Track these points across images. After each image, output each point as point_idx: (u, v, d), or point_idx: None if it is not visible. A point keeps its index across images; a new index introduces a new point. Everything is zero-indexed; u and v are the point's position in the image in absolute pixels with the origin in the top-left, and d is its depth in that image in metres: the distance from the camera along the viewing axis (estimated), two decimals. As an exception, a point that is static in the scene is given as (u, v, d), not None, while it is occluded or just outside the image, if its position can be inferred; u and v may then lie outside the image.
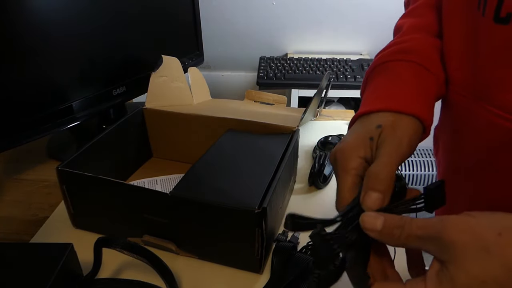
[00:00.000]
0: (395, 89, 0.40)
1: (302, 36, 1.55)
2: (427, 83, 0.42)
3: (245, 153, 0.56)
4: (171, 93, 0.67)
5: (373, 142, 0.36)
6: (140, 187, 0.51)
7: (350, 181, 0.35)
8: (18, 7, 0.55)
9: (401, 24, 0.49)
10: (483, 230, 0.26)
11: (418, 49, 0.43)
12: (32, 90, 0.60)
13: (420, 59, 0.42)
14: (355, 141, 0.36)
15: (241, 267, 0.47)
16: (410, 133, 0.36)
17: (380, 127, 0.36)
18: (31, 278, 0.37)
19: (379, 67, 0.44)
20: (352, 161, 0.35)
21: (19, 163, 0.71)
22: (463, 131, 0.44)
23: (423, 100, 0.39)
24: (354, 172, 0.35)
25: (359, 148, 0.36)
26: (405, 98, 0.38)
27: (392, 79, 0.42)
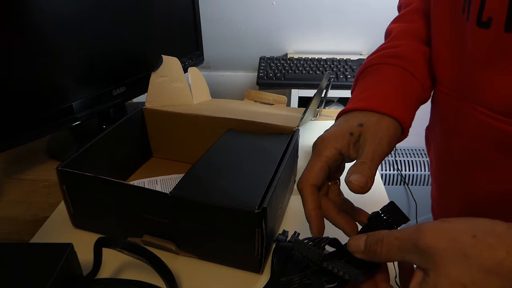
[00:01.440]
0: (380, 91, 0.43)
1: (302, 36, 1.54)
2: (411, 88, 0.44)
3: (245, 153, 0.56)
4: (171, 93, 0.67)
5: (352, 138, 0.39)
6: (140, 187, 0.51)
7: (319, 165, 0.38)
8: (18, 7, 0.55)
9: (391, 28, 0.52)
10: (458, 234, 0.26)
11: (406, 55, 0.46)
12: (32, 90, 0.60)
13: (408, 65, 0.45)
14: (335, 133, 0.40)
15: (241, 267, 0.47)
16: (390, 134, 0.39)
17: (362, 125, 0.39)
18: (31, 278, 0.37)
19: (369, 68, 0.47)
20: (327, 149, 0.38)
21: (19, 163, 0.71)
22: (452, 130, 0.46)
23: (405, 103, 0.42)
24: (325, 159, 0.38)
25: (338, 139, 0.39)
26: (388, 100, 0.41)
27: (379, 81, 0.44)
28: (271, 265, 0.47)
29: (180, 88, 0.69)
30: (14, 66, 0.57)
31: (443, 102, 0.46)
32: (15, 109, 0.58)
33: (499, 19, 0.33)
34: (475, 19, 0.35)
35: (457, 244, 0.25)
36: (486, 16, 0.34)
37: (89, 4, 0.65)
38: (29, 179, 0.67)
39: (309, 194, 0.38)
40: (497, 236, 0.25)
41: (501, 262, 0.24)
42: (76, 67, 0.66)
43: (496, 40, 0.34)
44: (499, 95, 0.36)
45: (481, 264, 0.24)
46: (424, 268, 0.27)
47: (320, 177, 0.38)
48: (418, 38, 0.48)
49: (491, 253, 0.24)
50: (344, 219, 0.39)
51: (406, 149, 1.61)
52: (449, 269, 0.25)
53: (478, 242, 0.25)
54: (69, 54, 0.64)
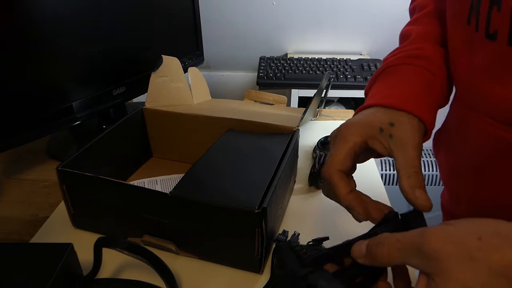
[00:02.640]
0: (405, 90, 0.41)
1: (302, 36, 1.54)
2: (434, 90, 0.43)
3: (245, 153, 0.56)
4: (171, 93, 0.67)
5: (382, 134, 0.37)
6: (140, 187, 0.51)
7: (345, 151, 0.36)
8: (18, 7, 0.55)
9: (408, 31, 0.51)
10: (463, 237, 0.26)
11: (430, 57, 0.45)
12: (32, 90, 0.60)
13: (431, 66, 0.44)
14: (362, 122, 0.38)
15: (241, 267, 0.47)
16: (421, 137, 0.38)
17: (393, 125, 0.37)
18: (31, 278, 0.37)
19: (389, 68, 0.45)
20: (354, 136, 0.37)
21: (19, 163, 0.71)
22: (460, 136, 0.46)
23: (430, 105, 0.41)
24: (352, 145, 0.36)
25: (365, 128, 0.37)
26: (415, 100, 0.40)
27: (403, 80, 0.43)
28: (271, 265, 0.47)
29: (180, 88, 0.69)
30: (14, 66, 0.57)
31: (455, 111, 0.47)
32: (15, 109, 0.58)
33: (503, 32, 0.33)
34: (483, 30, 0.35)
35: (463, 247, 0.25)
36: (492, 28, 0.34)
37: (89, 4, 0.65)
38: (29, 179, 0.67)
39: (339, 180, 0.36)
40: (503, 237, 0.25)
41: (509, 264, 0.24)
42: (76, 67, 0.66)
43: (501, 52, 0.34)
44: (501, 105, 0.36)
45: (489, 267, 0.24)
46: (428, 272, 0.26)
47: (347, 163, 0.36)
48: (436, 41, 0.47)
49: (498, 255, 0.24)
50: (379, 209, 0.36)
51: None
52: (456, 273, 0.25)
53: (484, 244, 0.25)
54: (69, 54, 0.64)
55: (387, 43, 1.64)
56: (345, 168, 0.37)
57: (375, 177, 0.66)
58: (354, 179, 0.39)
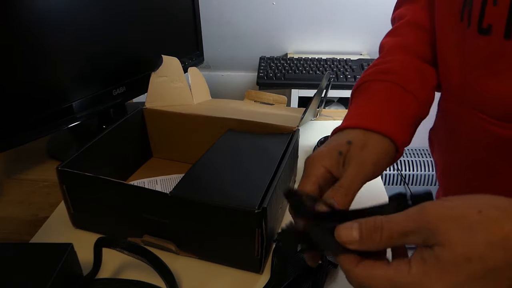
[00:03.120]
0: (370, 108, 0.42)
1: (302, 36, 1.54)
2: (405, 102, 0.43)
3: (245, 153, 0.56)
4: (171, 93, 0.67)
5: (341, 157, 0.37)
6: (140, 187, 0.51)
7: (308, 186, 0.37)
8: (18, 7, 0.55)
9: (384, 43, 0.52)
10: (463, 210, 0.26)
11: (397, 70, 0.45)
12: (32, 90, 0.60)
13: (399, 79, 0.44)
14: (324, 152, 0.38)
15: (241, 267, 0.47)
16: (378, 152, 0.38)
17: (350, 143, 0.38)
18: (31, 278, 0.37)
19: (360, 86, 0.46)
20: (316, 168, 0.37)
21: (19, 163, 0.71)
22: (454, 134, 0.46)
23: (397, 119, 0.41)
24: (314, 178, 0.37)
25: (326, 158, 0.37)
26: (377, 117, 0.40)
27: (369, 98, 0.44)
28: (271, 265, 0.47)
29: (180, 88, 0.69)
30: (14, 66, 0.57)
31: (445, 106, 0.46)
32: (15, 109, 0.58)
33: (499, 26, 0.34)
34: (476, 26, 0.36)
35: (463, 221, 0.25)
36: (486, 23, 0.35)
37: (89, 4, 0.65)
38: (29, 179, 0.67)
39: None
40: (503, 210, 0.25)
41: (508, 236, 0.24)
42: (76, 67, 0.66)
43: (496, 46, 0.34)
44: (496, 100, 0.36)
45: (488, 239, 0.24)
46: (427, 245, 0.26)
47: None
48: (410, 52, 0.48)
49: (497, 227, 0.24)
50: None
51: (406, 149, 1.61)
52: (455, 243, 0.25)
53: (484, 217, 0.25)
54: (69, 54, 0.64)
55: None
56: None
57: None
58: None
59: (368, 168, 0.36)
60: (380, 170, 0.38)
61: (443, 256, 0.25)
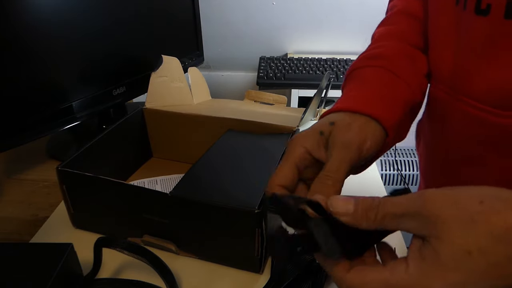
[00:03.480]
0: (357, 93, 0.40)
1: (302, 36, 1.54)
2: (395, 87, 0.42)
3: (245, 153, 0.56)
4: (171, 93, 0.67)
5: (323, 137, 0.36)
6: (140, 187, 0.51)
7: (286, 166, 0.35)
8: (18, 7, 0.55)
9: (374, 33, 0.51)
10: (465, 200, 0.25)
11: (388, 55, 0.44)
12: (32, 90, 0.60)
13: (389, 64, 0.43)
14: (305, 133, 0.37)
15: (241, 267, 0.47)
16: (363, 134, 0.35)
17: (333, 124, 0.36)
18: (31, 278, 0.37)
19: (350, 74, 0.45)
20: (296, 150, 0.36)
21: (19, 163, 0.71)
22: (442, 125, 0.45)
23: (385, 102, 0.39)
24: (293, 159, 0.35)
25: (306, 139, 0.36)
26: (364, 99, 0.38)
27: (357, 84, 0.42)
28: (271, 265, 0.47)
29: (180, 88, 0.69)
30: (14, 66, 0.57)
31: (434, 96, 0.45)
32: (15, 109, 0.58)
33: (499, 5, 0.33)
34: (473, 7, 0.35)
35: (465, 211, 0.24)
36: (485, 3, 0.34)
37: (89, 4, 0.65)
38: (29, 179, 0.67)
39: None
40: (504, 201, 0.24)
41: (510, 228, 0.23)
42: (76, 67, 0.66)
43: (495, 27, 0.34)
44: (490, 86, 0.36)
45: (489, 231, 0.23)
46: (424, 235, 0.25)
47: (288, 178, 0.35)
48: (401, 39, 0.47)
49: (499, 218, 0.23)
50: None
51: (406, 149, 1.61)
52: (454, 235, 0.24)
53: (486, 208, 0.24)
54: (69, 54, 0.64)
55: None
56: (286, 183, 0.35)
57: (375, 177, 0.66)
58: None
59: (353, 152, 0.34)
60: (367, 153, 0.35)
61: (442, 250, 0.24)
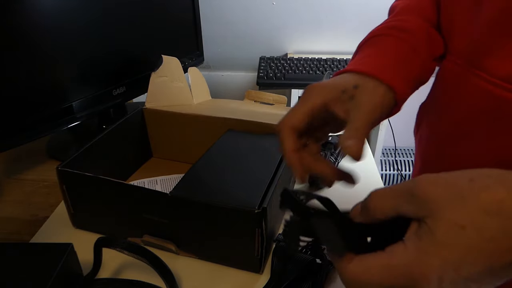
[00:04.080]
0: (380, 59, 0.41)
1: (302, 36, 1.55)
2: (412, 63, 0.42)
3: (245, 153, 0.56)
4: (171, 93, 0.67)
5: (344, 96, 0.36)
6: (140, 187, 0.51)
7: (302, 109, 0.36)
8: (18, 7, 0.55)
9: (395, 5, 0.50)
10: (454, 179, 0.25)
11: (412, 30, 0.44)
12: (32, 90, 0.60)
13: (412, 40, 0.43)
14: (326, 84, 0.37)
15: (241, 267, 0.47)
16: (384, 104, 0.37)
17: (357, 87, 0.37)
18: (31, 278, 0.37)
19: (372, 39, 0.45)
20: (314, 98, 0.37)
21: (19, 163, 0.71)
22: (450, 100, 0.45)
23: (405, 76, 0.40)
24: (310, 105, 0.36)
25: (328, 91, 0.37)
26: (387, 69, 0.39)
27: (380, 50, 0.43)
28: (271, 265, 0.47)
29: (180, 88, 0.69)
30: (14, 66, 0.57)
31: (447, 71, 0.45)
32: (15, 109, 0.58)
33: None
34: None
35: (454, 188, 0.25)
36: None
37: (89, 5, 0.65)
38: (29, 179, 0.67)
39: (288, 135, 0.36)
40: (495, 177, 0.25)
41: (501, 201, 0.23)
42: (76, 67, 0.66)
43: None
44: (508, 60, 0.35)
45: (480, 205, 0.24)
46: (419, 217, 0.26)
47: (302, 122, 0.36)
48: (422, 15, 0.46)
49: (489, 193, 0.24)
50: (324, 163, 0.37)
51: (406, 149, 1.61)
52: (446, 212, 0.24)
53: (476, 184, 0.24)
54: (69, 54, 0.64)
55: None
56: (298, 126, 0.36)
57: (375, 177, 0.66)
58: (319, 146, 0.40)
59: (377, 115, 0.36)
60: (382, 120, 0.38)
61: (436, 227, 0.24)
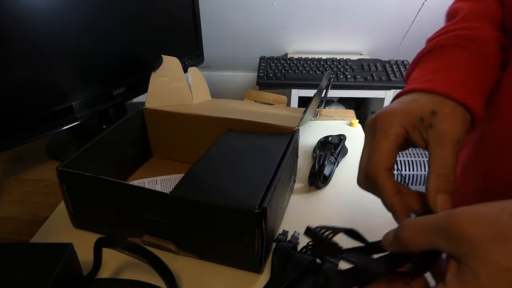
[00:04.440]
0: (452, 74, 0.36)
1: (302, 36, 1.55)
2: (486, 76, 0.38)
3: (245, 153, 0.56)
4: (171, 93, 0.67)
5: (422, 124, 0.33)
6: (140, 187, 0.51)
7: (389, 145, 0.33)
8: (18, 7, 0.55)
9: (458, 8, 0.45)
10: (495, 214, 0.23)
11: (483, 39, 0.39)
12: (32, 90, 0.60)
13: (484, 50, 0.39)
14: (402, 110, 0.34)
15: (241, 267, 0.47)
16: (465, 128, 0.33)
17: (435, 114, 0.33)
18: (31, 278, 0.37)
19: (435, 50, 0.40)
20: (395, 127, 0.33)
21: (19, 163, 0.71)
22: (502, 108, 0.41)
23: (480, 94, 0.36)
24: (394, 138, 0.33)
25: (406, 119, 0.33)
26: (463, 86, 0.35)
27: (450, 64, 0.38)
28: (271, 265, 0.47)
29: (180, 88, 0.69)
30: (14, 66, 0.57)
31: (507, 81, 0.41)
32: (15, 109, 0.58)
33: None
34: None
35: (496, 225, 0.23)
36: None
37: (89, 4, 0.65)
38: (29, 179, 0.67)
39: (386, 179, 0.33)
40: None
41: None
42: (76, 67, 0.66)
43: None
44: None
45: None
46: (459, 255, 0.24)
47: (393, 159, 0.33)
48: (490, 21, 0.42)
49: None
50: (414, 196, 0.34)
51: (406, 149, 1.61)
52: (490, 253, 0.22)
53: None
54: (69, 54, 0.64)
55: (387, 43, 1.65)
56: (391, 165, 0.33)
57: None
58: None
59: (461, 145, 0.32)
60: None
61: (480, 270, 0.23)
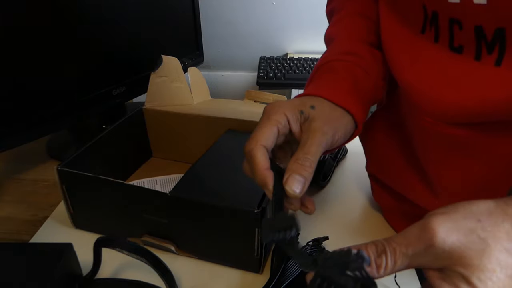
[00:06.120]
0: (334, 83, 0.43)
1: (302, 36, 1.54)
2: (364, 84, 0.44)
3: (245, 153, 0.56)
4: (171, 93, 0.67)
5: (302, 116, 0.38)
6: (140, 187, 0.51)
7: (268, 127, 0.37)
8: (18, 7, 0.55)
9: (332, 33, 0.51)
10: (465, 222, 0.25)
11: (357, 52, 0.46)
12: (31, 90, 0.60)
13: (362, 62, 0.45)
14: (288, 104, 0.39)
15: (241, 267, 0.47)
16: (341, 125, 0.39)
17: (314, 108, 0.38)
18: (31, 278, 0.37)
19: (325, 65, 0.46)
20: (278, 114, 0.37)
21: (19, 163, 0.71)
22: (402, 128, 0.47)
23: (359, 99, 0.42)
24: (275, 122, 0.37)
25: (288, 109, 0.38)
26: (342, 93, 0.41)
27: (334, 76, 0.44)
28: (270, 265, 0.47)
29: (180, 88, 0.69)
30: (13, 66, 0.57)
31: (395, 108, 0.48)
32: (15, 109, 0.58)
33: (470, 48, 0.33)
34: (446, 43, 0.35)
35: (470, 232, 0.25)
36: (457, 43, 0.35)
37: (88, 4, 0.65)
38: (29, 179, 0.67)
39: (259, 153, 0.36)
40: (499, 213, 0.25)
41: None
42: (76, 67, 0.66)
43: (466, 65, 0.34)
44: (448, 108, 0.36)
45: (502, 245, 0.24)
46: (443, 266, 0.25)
47: (270, 140, 0.37)
48: (362, 40, 0.48)
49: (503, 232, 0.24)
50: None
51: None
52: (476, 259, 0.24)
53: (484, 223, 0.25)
54: (69, 54, 0.64)
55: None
56: (268, 144, 0.37)
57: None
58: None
59: (329, 139, 0.37)
60: (337, 142, 0.38)
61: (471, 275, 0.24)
